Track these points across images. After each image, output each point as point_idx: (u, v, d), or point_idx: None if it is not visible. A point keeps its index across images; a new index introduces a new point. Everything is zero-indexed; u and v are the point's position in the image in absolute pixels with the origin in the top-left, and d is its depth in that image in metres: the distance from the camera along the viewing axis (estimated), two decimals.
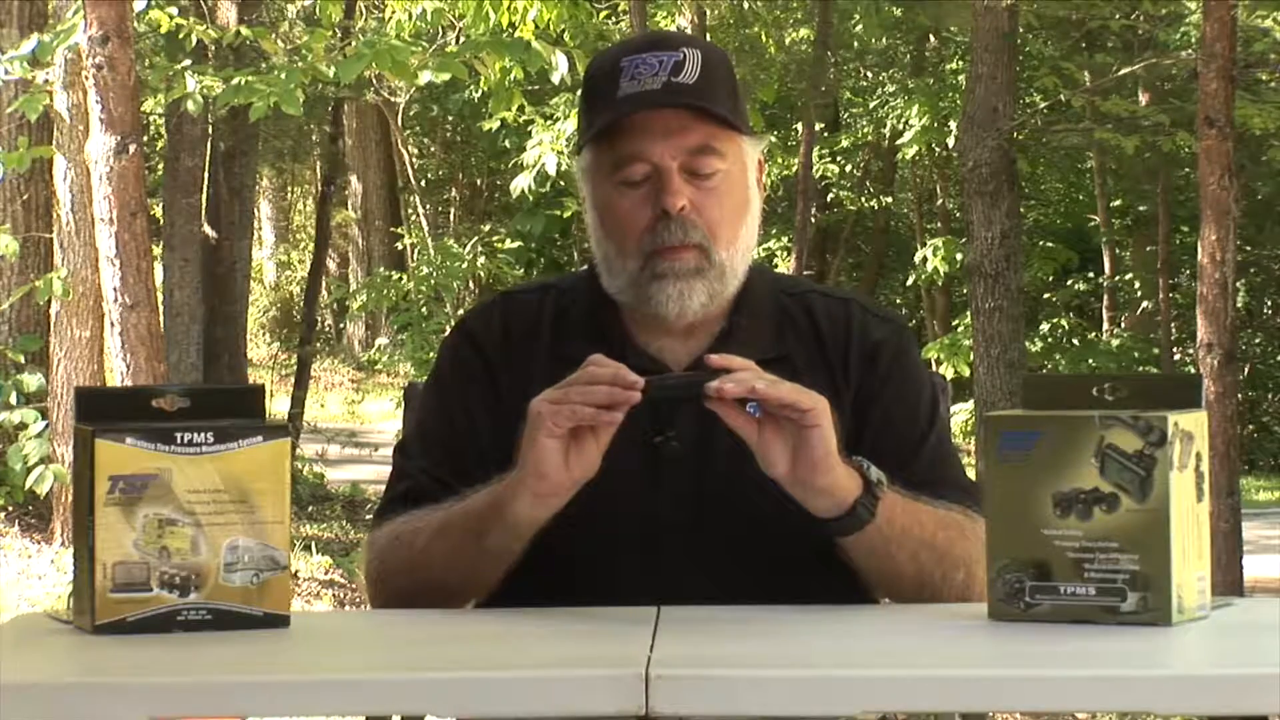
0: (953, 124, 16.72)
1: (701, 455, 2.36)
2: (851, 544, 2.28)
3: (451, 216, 25.08)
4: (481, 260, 18.11)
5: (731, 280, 2.43)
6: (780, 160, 19.41)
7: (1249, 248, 20.18)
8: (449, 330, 2.63)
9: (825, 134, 20.75)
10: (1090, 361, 20.21)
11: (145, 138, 11.82)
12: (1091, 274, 22.56)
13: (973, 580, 2.32)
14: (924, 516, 2.32)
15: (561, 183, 15.27)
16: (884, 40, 20.47)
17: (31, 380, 9.72)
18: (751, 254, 2.47)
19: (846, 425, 2.41)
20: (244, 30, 10.36)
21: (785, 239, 20.64)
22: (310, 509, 13.42)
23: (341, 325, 26.88)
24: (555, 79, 9.69)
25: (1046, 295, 22.35)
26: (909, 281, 20.58)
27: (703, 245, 2.39)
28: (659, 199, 2.38)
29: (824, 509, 2.24)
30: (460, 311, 14.34)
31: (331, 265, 24.40)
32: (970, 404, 14.99)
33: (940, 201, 21.98)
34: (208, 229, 13.37)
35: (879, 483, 2.26)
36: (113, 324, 8.16)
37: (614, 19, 16.72)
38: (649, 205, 2.39)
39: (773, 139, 19.61)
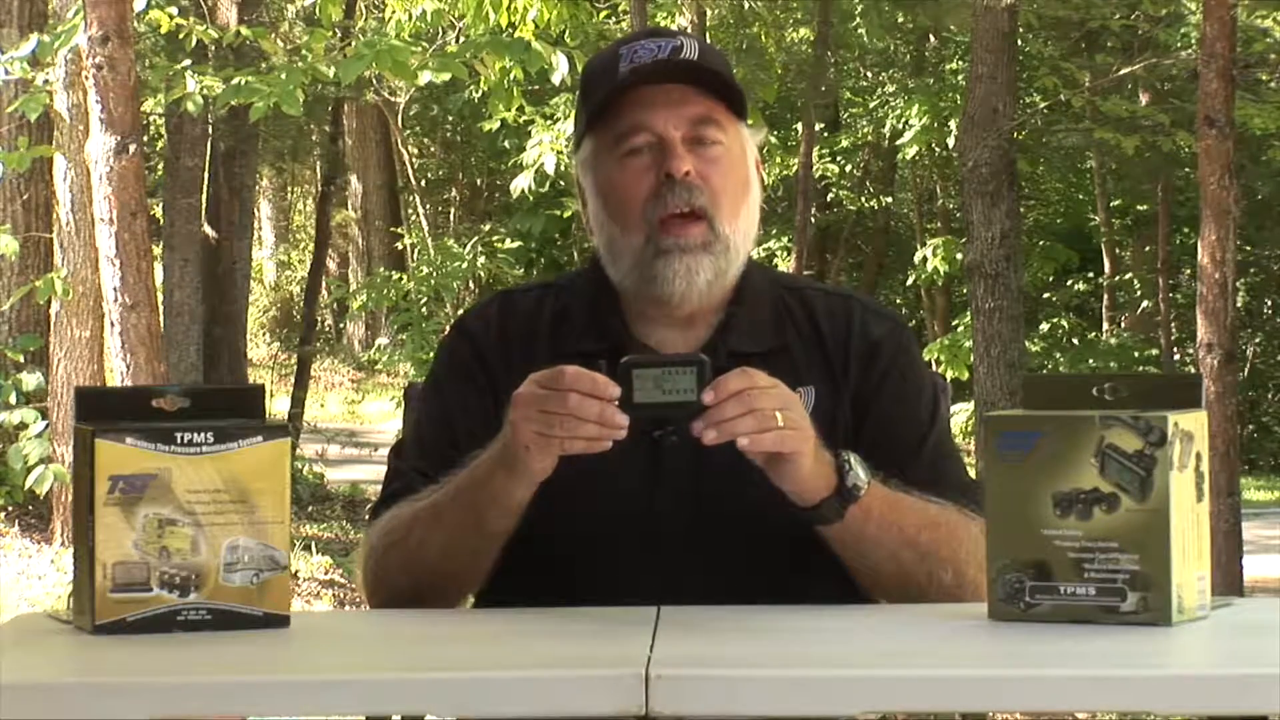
0: (953, 124, 16.71)
1: (701, 450, 2.35)
2: (820, 530, 2.29)
3: (451, 216, 25.06)
4: (481, 260, 18.10)
5: (735, 260, 2.42)
6: (780, 160, 19.38)
7: (1249, 248, 20.17)
8: (447, 330, 2.63)
9: (825, 134, 20.73)
10: (1090, 361, 20.20)
11: (145, 138, 11.82)
12: (1091, 274, 22.55)
13: (963, 580, 2.32)
14: (908, 517, 2.32)
15: (561, 183, 15.26)
16: (884, 40, 20.46)
17: (31, 380, 9.72)
18: (753, 240, 2.47)
19: (845, 423, 2.41)
20: (244, 30, 10.36)
21: (785, 239, 20.62)
22: (310, 509, 13.42)
23: (341, 325, 26.86)
24: (555, 79, 9.68)
25: (1046, 295, 22.33)
26: (909, 281, 20.57)
27: (708, 212, 2.39)
28: (663, 165, 2.39)
29: (791, 496, 2.26)
30: (460, 311, 14.34)
31: (331, 265, 24.39)
32: (970, 404, 14.98)
33: (940, 201, 21.96)
34: (208, 229, 13.37)
35: (854, 489, 2.26)
36: (113, 324, 8.16)
37: (614, 19, 16.70)
38: (652, 173, 2.40)
39: (773, 139, 19.60)
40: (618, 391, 2.14)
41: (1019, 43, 14.81)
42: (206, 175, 13.29)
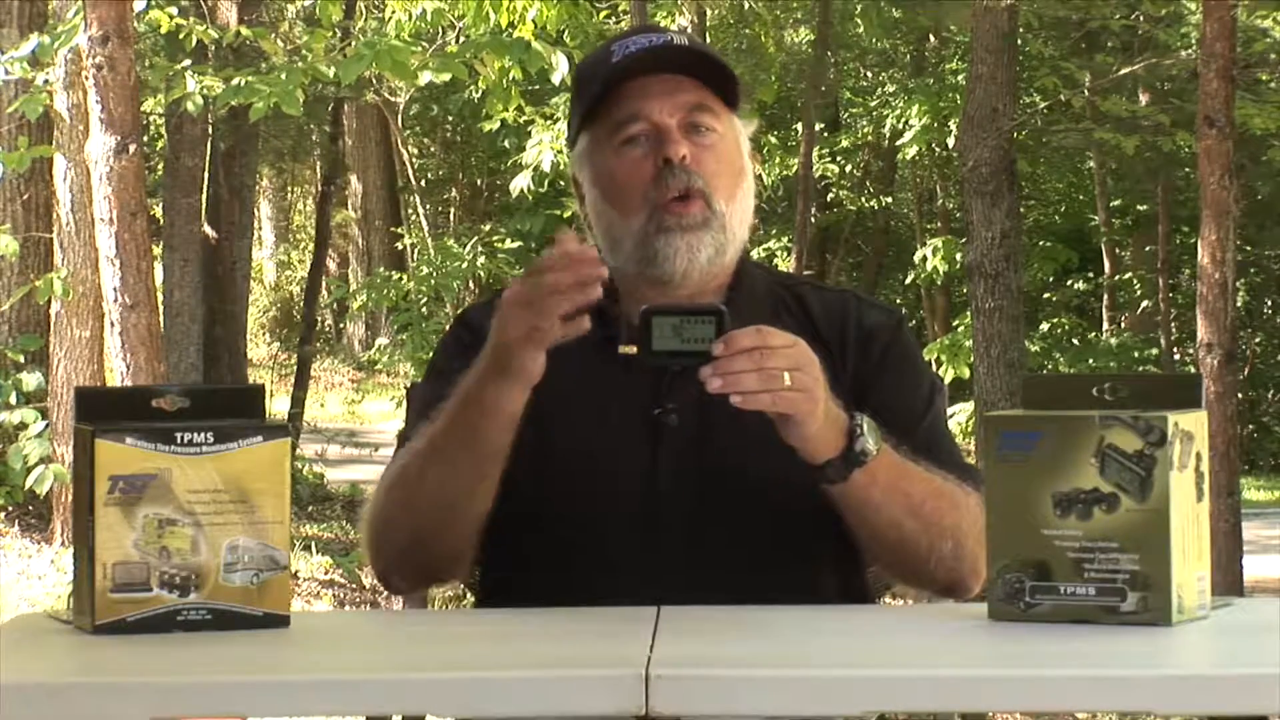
0: (953, 124, 16.71)
1: (702, 428, 2.36)
2: (825, 489, 2.29)
3: (451, 216, 25.05)
4: (481, 260, 18.09)
5: (732, 241, 2.44)
6: (780, 160, 19.38)
7: (1249, 248, 20.17)
8: (449, 327, 2.63)
9: (825, 134, 20.73)
10: (1090, 361, 20.20)
11: (145, 138, 11.82)
12: (1091, 274, 22.56)
13: (962, 552, 2.33)
14: (915, 485, 2.32)
15: (561, 182, 15.27)
16: (884, 40, 20.45)
17: (31, 380, 9.73)
18: (748, 226, 2.48)
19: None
20: (244, 30, 10.37)
21: (785, 239, 20.62)
22: (310, 509, 13.42)
23: (341, 325, 26.86)
24: (555, 79, 9.69)
25: (1046, 295, 22.34)
26: (909, 281, 20.57)
27: (705, 193, 2.41)
28: (660, 151, 2.42)
29: (798, 452, 2.25)
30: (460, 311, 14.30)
31: (331, 265, 24.37)
32: (970, 404, 14.98)
33: (940, 201, 21.96)
34: (208, 229, 13.37)
35: (861, 454, 2.26)
36: (113, 324, 8.17)
37: (614, 19, 16.71)
38: (650, 160, 2.42)
39: (773, 139, 19.60)
40: (595, 254, 2.17)
41: (1019, 43, 14.81)
42: (206, 175, 13.28)
